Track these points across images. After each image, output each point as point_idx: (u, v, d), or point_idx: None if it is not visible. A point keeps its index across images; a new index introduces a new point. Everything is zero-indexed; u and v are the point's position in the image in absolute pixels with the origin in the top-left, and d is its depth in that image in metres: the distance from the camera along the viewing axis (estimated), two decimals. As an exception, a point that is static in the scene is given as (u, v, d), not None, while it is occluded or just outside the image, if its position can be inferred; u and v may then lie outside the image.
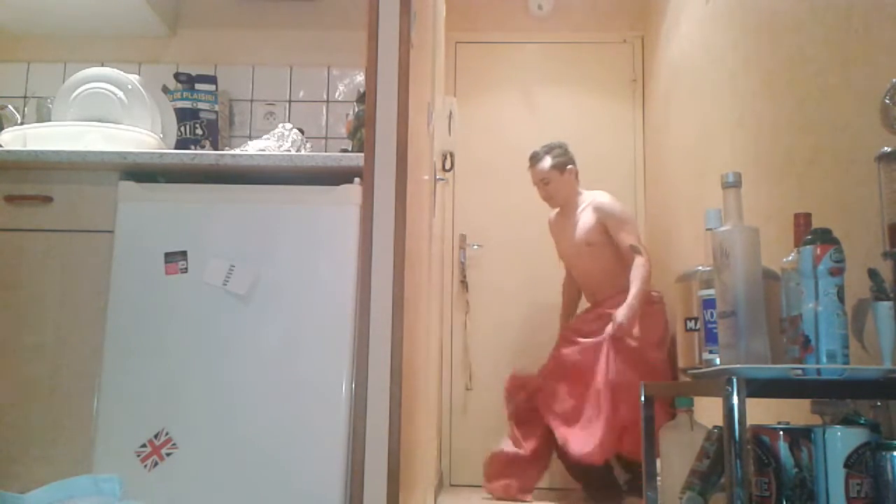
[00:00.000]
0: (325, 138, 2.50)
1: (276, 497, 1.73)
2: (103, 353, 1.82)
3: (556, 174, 3.35)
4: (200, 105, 2.35)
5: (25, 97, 2.55)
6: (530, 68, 4.14)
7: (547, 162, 3.35)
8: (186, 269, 1.84)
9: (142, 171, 1.94)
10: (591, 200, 3.30)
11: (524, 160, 4.11)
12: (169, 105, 2.33)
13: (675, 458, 1.78)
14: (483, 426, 3.85)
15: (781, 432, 1.31)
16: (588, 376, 3.02)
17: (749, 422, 1.22)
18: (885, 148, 1.34)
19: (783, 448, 1.30)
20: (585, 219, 3.28)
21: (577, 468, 3.12)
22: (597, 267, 3.28)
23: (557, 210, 3.47)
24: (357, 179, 1.87)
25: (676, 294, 1.77)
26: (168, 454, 1.76)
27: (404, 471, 1.80)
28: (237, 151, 2.01)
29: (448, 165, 3.63)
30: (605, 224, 3.21)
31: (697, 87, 2.97)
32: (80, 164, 1.90)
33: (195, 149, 2.28)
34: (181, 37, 2.58)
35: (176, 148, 2.27)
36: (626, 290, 3.03)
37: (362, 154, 1.86)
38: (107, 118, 2.15)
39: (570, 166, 3.35)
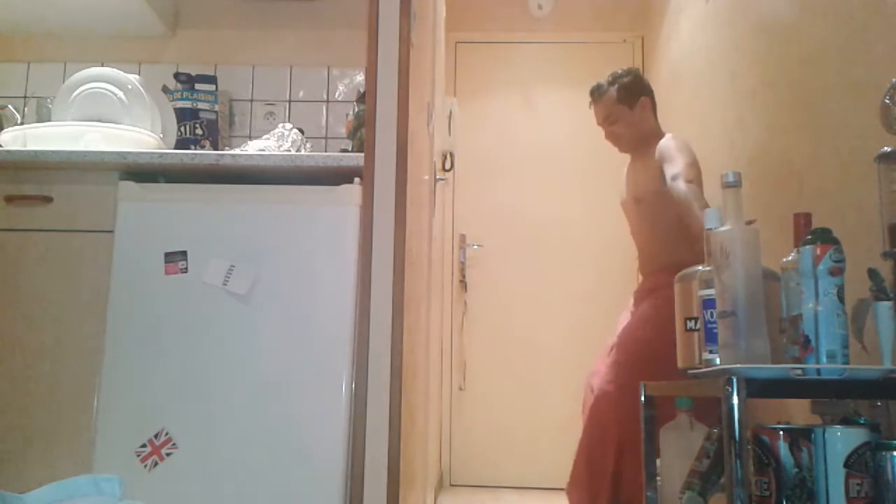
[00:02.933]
0: (325, 138, 2.51)
1: (277, 497, 1.73)
2: (103, 353, 1.82)
3: (625, 110, 2.63)
4: (200, 105, 2.35)
5: (25, 97, 2.55)
6: (530, 68, 4.14)
7: (612, 95, 2.64)
8: (186, 269, 1.84)
9: (142, 171, 1.94)
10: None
11: (524, 160, 4.12)
12: (169, 105, 2.33)
13: (675, 458, 1.78)
14: (483, 426, 3.85)
15: (781, 432, 1.31)
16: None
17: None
18: (885, 148, 1.34)
19: (783, 448, 1.30)
20: (646, 166, 2.57)
21: None
22: (646, 231, 2.61)
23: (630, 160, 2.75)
24: (357, 179, 1.87)
25: (676, 294, 1.76)
26: (168, 454, 1.76)
27: (404, 471, 1.81)
28: (237, 151, 2.01)
29: (448, 165, 3.63)
30: (662, 166, 2.45)
31: (697, 87, 2.97)
32: (80, 164, 1.90)
33: (195, 149, 2.28)
34: (181, 37, 2.58)
35: (176, 148, 2.27)
36: (672, 269, 2.08)
37: (362, 154, 1.86)
38: (107, 118, 2.15)
39: (642, 98, 2.64)
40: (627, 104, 2.63)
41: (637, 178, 2.61)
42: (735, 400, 1.20)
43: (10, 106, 2.44)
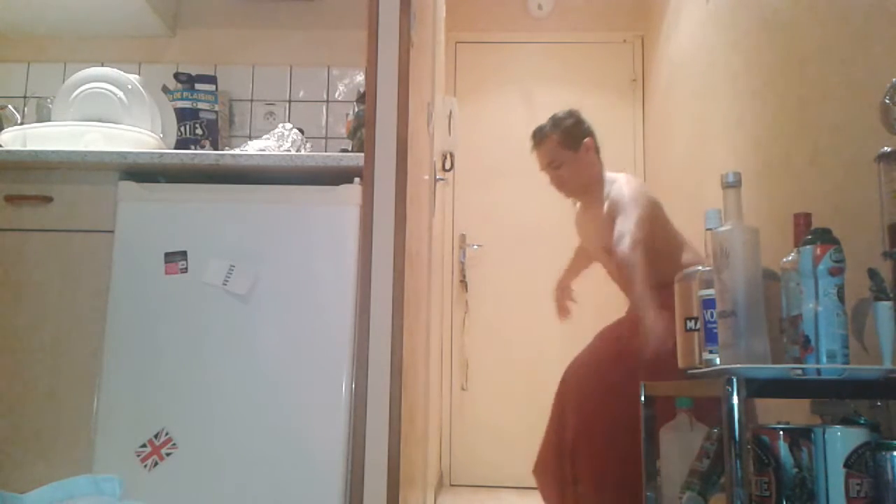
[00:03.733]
0: (325, 138, 2.51)
1: (276, 497, 1.73)
2: (103, 353, 1.82)
3: (569, 154, 2.51)
4: (200, 105, 2.35)
5: (25, 97, 2.55)
6: (530, 68, 4.14)
7: (554, 139, 2.53)
8: (186, 269, 1.84)
9: (142, 171, 1.94)
10: (610, 190, 2.47)
11: (524, 160, 4.11)
12: (169, 105, 2.33)
13: (675, 458, 1.78)
14: (483, 426, 3.85)
15: (781, 432, 1.31)
16: None
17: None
18: (885, 148, 1.34)
19: (783, 448, 1.30)
20: (601, 217, 2.48)
21: None
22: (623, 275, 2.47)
23: (579, 203, 2.68)
24: (357, 179, 1.87)
25: (676, 294, 1.76)
26: (168, 454, 1.76)
27: (404, 470, 1.81)
28: (237, 151, 2.01)
29: (448, 165, 3.63)
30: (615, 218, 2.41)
31: (697, 87, 2.97)
32: (80, 164, 1.90)
33: (195, 149, 2.28)
34: (181, 37, 2.58)
35: (176, 148, 2.27)
36: (658, 287, 2.20)
37: (362, 154, 1.86)
38: (107, 118, 2.15)
39: (586, 140, 2.53)
40: (571, 148, 2.52)
41: (601, 231, 2.50)
42: (735, 400, 1.20)
43: (10, 106, 2.44)
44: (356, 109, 2.24)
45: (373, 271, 1.81)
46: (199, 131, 2.34)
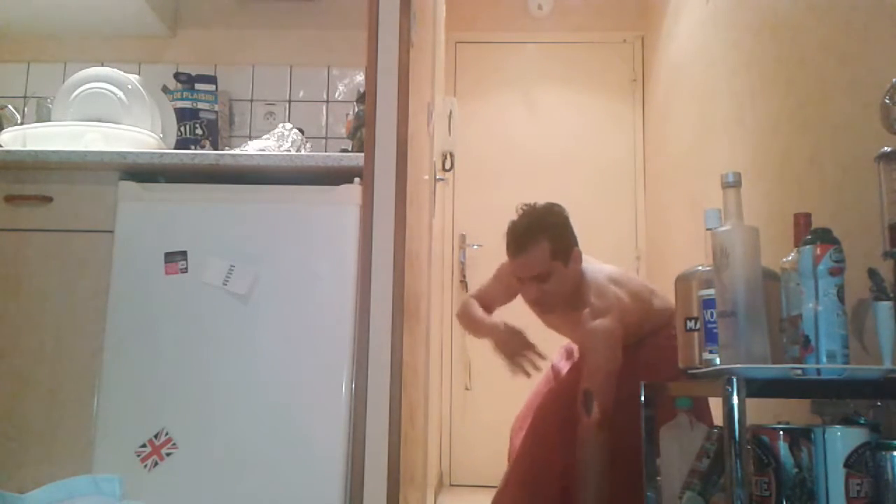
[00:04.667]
0: (325, 138, 2.50)
1: (277, 497, 1.73)
2: (103, 353, 1.82)
3: (559, 266, 2.09)
4: (200, 105, 2.35)
5: (25, 97, 2.55)
6: (530, 68, 4.14)
7: (545, 247, 2.08)
8: (186, 269, 1.84)
9: (142, 171, 1.94)
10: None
11: (524, 160, 4.11)
12: (169, 105, 2.33)
13: (675, 458, 1.78)
14: (483, 426, 3.85)
15: (781, 432, 1.31)
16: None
17: (749, 422, 1.22)
18: (885, 148, 1.34)
19: (783, 448, 1.29)
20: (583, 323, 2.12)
21: None
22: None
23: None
24: (357, 179, 1.87)
25: (676, 294, 1.76)
26: (168, 454, 1.76)
27: (404, 470, 1.81)
28: (237, 151, 2.01)
29: (448, 165, 3.63)
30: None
31: (697, 87, 2.97)
32: (80, 164, 1.90)
33: (195, 149, 2.28)
34: (181, 37, 2.57)
35: (176, 148, 2.27)
36: (653, 333, 2.15)
37: (362, 154, 1.86)
38: (107, 118, 2.15)
39: (575, 249, 2.14)
40: (562, 260, 2.09)
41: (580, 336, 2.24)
42: (735, 400, 1.20)
43: (10, 106, 2.44)
44: (356, 109, 2.24)
45: (373, 271, 1.81)
46: (199, 131, 2.34)
